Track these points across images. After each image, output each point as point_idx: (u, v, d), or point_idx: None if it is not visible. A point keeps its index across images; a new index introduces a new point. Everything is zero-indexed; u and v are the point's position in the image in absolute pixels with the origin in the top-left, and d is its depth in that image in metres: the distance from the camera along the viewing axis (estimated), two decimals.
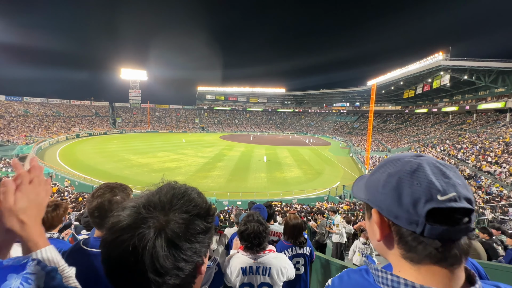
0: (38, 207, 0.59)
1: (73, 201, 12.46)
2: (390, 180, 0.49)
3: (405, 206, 0.45)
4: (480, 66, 31.77)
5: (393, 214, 0.47)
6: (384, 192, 0.49)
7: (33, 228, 0.57)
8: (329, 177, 23.28)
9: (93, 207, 1.17)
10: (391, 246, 0.50)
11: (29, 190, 0.58)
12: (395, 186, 0.47)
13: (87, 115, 63.89)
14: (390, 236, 0.50)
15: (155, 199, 0.49)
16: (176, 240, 0.45)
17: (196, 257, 0.48)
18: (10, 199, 0.54)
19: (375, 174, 0.54)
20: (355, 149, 37.53)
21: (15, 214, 0.55)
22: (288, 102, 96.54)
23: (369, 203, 0.54)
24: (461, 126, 34.00)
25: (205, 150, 35.09)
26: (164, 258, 0.43)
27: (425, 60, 39.07)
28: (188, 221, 0.48)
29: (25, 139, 36.29)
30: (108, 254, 0.44)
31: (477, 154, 20.57)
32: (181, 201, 0.50)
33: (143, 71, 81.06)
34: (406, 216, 0.45)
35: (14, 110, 49.61)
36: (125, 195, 1.24)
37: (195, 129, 74.58)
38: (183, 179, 0.52)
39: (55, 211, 1.71)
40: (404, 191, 0.46)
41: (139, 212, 0.47)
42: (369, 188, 0.54)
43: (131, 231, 0.44)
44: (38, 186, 0.59)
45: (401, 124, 51.54)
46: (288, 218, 2.33)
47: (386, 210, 0.48)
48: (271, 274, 1.48)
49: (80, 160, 26.37)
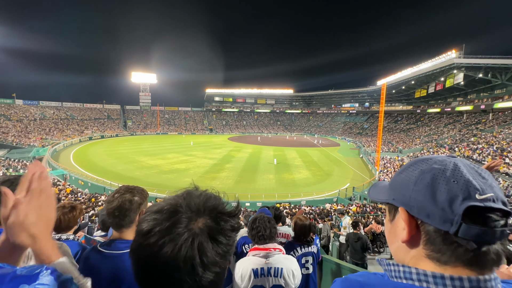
0: (47, 221, 0.59)
1: (86, 202, 12.81)
2: (424, 176, 0.47)
3: (440, 203, 0.43)
4: (496, 64, 30.68)
5: (425, 212, 0.45)
6: (416, 189, 0.47)
7: (45, 241, 0.57)
8: (339, 178, 22.97)
9: (114, 207, 1.18)
10: (415, 247, 0.49)
11: (38, 204, 0.57)
12: (429, 182, 0.46)
13: (100, 118, 65.64)
14: (417, 236, 0.48)
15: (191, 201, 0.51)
16: (216, 236, 0.48)
17: (229, 255, 0.50)
18: (20, 213, 0.54)
19: (404, 172, 0.52)
20: (365, 150, 36.89)
21: (25, 229, 0.54)
22: (296, 103, 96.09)
23: (394, 203, 0.53)
24: (476, 126, 32.85)
25: (213, 152, 35.33)
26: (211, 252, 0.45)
27: (437, 58, 38.09)
28: (222, 219, 0.51)
29: (41, 141, 37.65)
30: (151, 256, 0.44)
31: (494, 155, 19.83)
32: (213, 202, 0.52)
33: (152, 74, 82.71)
34: (440, 214, 0.43)
35: (31, 113, 51.55)
36: (143, 197, 1.26)
37: (204, 131, 75.28)
38: (192, 181, 0.55)
39: (71, 212, 1.73)
40: (439, 188, 0.44)
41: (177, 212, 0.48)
42: (396, 187, 0.53)
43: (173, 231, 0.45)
44: (45, 200, 0.59)
45: (413, 124, 50.30)
46: (298, 218, 2.40)
47: (417, 208, 0.46)
48: (283, 275, 1.47)
49: (93, 161, 27.09)
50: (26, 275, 0.46)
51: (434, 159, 0.50)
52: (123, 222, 1.20)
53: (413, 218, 0.48)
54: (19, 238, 0.54)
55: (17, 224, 0.53)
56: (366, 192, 18.62)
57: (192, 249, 0.44)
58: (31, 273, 0.46)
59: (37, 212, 0.56)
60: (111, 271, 1.12)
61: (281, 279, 1.47)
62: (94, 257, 1.18)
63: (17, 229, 0.54)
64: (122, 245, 1.19)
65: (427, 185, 0.46)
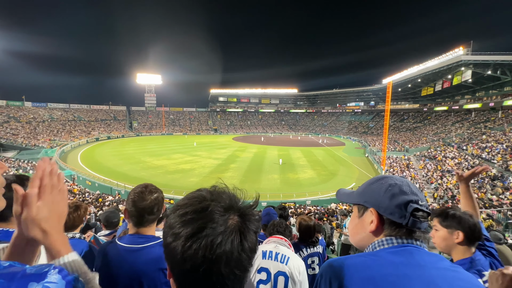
0: (60, 216, 0.61)
1: (93, 201, 12.99)
2: (391, 188, 0.73)
3: (398, 205, 0.70)
4: (506, 60, 29.96)
5: (389, 211, 0.71)
6: (385, 196, 0.72)
7: (55, 236, 0.59)
8: (344, 178, 22.80)
9: (148, 205, 1.23)
10: (378, 234, 0.74)
11: (50, 199, 0.59)
12: (394, 193, 0.71)
13: (106, 119, 66.52)
14: (380, 227, 0.73)
15: (221, 198, 0.53)
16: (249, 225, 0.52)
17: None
18: (32, 209, 0.56)
19: (374, 184, 0.78)
20: (370, 149, 36.50)
21: (37, 224, 0.56)
22: (301, 102, 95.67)
23: (365, 205, 0.77)
24: (485, 124, 32.17)
25: (218, 152, 35.46)
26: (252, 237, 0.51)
27: (444, 55, 37.39)
28: (251, 213, 0.55)
29: (49, 143, 38.37)
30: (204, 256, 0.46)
31: (504, 153, 19.39)
32: (237, 198, 0.56)
33: (157, 76, 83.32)
34: (399, 212, 0.70)
35: (39, 115, 52.57)
36: (163, 195, 1.36)
37: (208, 131, 75.61)
38: (197, 181, 0.56)
39: (76, 212, 1.76)
40: (399, 197, 0.71)
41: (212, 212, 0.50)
42: (368, 193, 0.78)
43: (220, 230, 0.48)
44: (58, 195, 0.61)
45: (420, 123, 49.56)
46: (302, 219, 2.41)
47: (383, 208, 0.72)
48: (289, 265, 1.48)
49: (99, 162, 27.48)
50: (35, 274, 0.47)
51: (394, 178, 0.77)
52: (154, 217, 1.27)
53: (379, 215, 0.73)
54: (32, 233, 0.56)
55: (29, 219, 0.56)
56: None
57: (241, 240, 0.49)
58: (39, 271, 0.48)
59: (49, 207, 0.58)
60: (132, 265, 1.16)
61: (286, 267, 1.48)
62: (114, 252, 1.21)
63: (30, 224, 0.56)
64: (142, 240, 1.23)
65: (392, 194, 0.72)
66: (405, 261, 0.64)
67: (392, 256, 0.66)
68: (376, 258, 0.67)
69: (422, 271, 0.62)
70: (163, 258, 0.96)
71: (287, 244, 1.66)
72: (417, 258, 0.65)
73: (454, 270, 0.65)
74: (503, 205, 12.13)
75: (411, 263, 0.64)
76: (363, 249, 0.79)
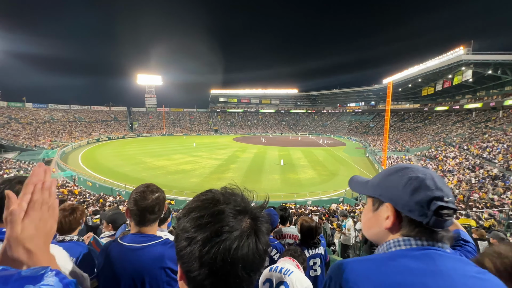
0: (46, 235, 0.55)
1: (94, 202, 13.00)
2: (411, 182, 0.64)
3: (419, 202, 0.61)
4: (506, 60, 29.91)
5: (408, 208, 0.63)
6: (404, 191, 0.64)
7: (41, 256, 0.53)
8: (345, 178, 22.73)
9: (149, 204, 1.23)
10: (394, 231, 0.66)
11: (38, 216, 0.53)
12: (415, 187, 0.63)
13: (106, 120, 66.59)
14: (397, 224, 0.65)
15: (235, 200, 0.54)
16: (261, 226, 0.53)
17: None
18: (17, 227, 0.50)
19: (392, 176, 0.69)
20: (371, 150, 36.47)
21: (21, 243, 0.50)
22: (301, 102, 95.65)
23: (381, 198, 0.69)
24: (486, 123, 32.12)
25: (218, 152, 35.46)
26: (265, 238, 0.52)
27: (444, 55, 37.36)
28: (262, 215, 0.55)
29: (50, 144, 38.43)
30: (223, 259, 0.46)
31: (505, 153, 19.35)
32: (248, 200, 0.57)
33: (158, 76, 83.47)
34: (419, 210, 0.61)
35: (40, 116, 52.65)
36: (164, 195, 1.35)
37: (209, 131, 75.63)
38: (198, 181, 0.56)
39: (72, 215, 1.73)
40: (420, 192, 0.62)
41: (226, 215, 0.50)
42: (385, 186, 0.69)
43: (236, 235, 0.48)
44: (47, 212, 0.55)
45: (420, 123, 49.48)
46: (303, 220, 2.38)
47: (401, 204, 0.64)
48: (291, 276, 1.50)
49: (100, 163, 27.51)
50: (30, 276, 0.45)
51: (415, 169, 0.67)
52: (155, 217, 1.27)
53: (396, 211, 0.65)
54: (15, 253, 0.50)
55: (13, 237, 0.50)
56: None
57: (256, 242, 0.49)
58: (35, 274, 0.46)
59: (36, 225, 0.53)
60: (134, 263, 1.17)
61: (288, 277, 1.49)
62: (116, 251, 1.21)
63: (13, 243, 0.50)
64: (143, 239, 1.24)
65: (413, 189, 0.63)
66: (424, 267, 0.58)
67: (410, 261, 0.59)
68: (392, 262, 0.61)
69: (444, 280, 0.55)
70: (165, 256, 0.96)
71: (295, 264, 1.67)
72: (439, 264, 0.58)
73: (481, 278, 0.57)
74: (504, 205, 12.09)
75: (431, 271, 0.57)
76: (377, 243, 0.72)
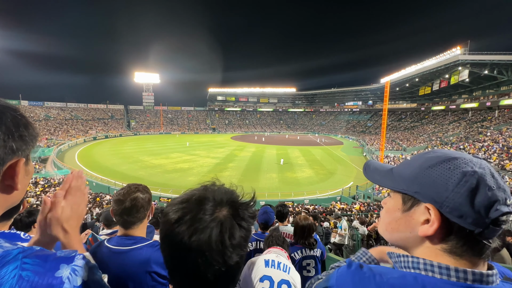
0: (79, 217, 0.67)
1: (92, 201, 12.95)
2: (467, 179, 0.46)
3: (477, 207, 0.44)
4: (502, 60, 30.19)
5: (458, 213, 0.45)
6: (457, 191, 0.46)
7: (73, 236, 0.65)
8: (342, 177, 22.88)
9: (127, 206, 1.19)
10: (432, 241, 0.49)
11: (73, 201, 0.65)
12: (473, 187, 0.45)
13: (103, 118, 66.11)
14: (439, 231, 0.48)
15: (214, 193, 0.56)
16: (239, 222, 0.53)
17: (248, 239, 0.56)
18: (58, 209, 0.62)
19: (436, 169, 0.49)
20: (368, 149, 36.68)
21: (60, 223, 0.62)
22: (299, 101, 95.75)
23: (416, 196, 0.51)
24: (482, 123, 32.44)
25: (216, 151, 35.41)
26: (237, 235, 0.52)
27: (442, 55, 37.62)
28: (242, 208, 0.56)
29: (46, 142, 38.09)
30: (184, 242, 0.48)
31: (499, 153, 19.57)
32: (233, 194, 0.58)
33: (155, 74, 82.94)
34: (474, 217, 0.44)
35: (36, 114, 52.15)
36: (149, 195, 1.29)
37: (207, 130, 75.46)
38: (195, 180, 0.59)
39: None
40: (480, 194, 0.44)
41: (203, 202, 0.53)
42: (427, 183, 0.50)
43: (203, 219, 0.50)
44: (79, 198, 0.67)
45: (417, 122, 49.84)
46: (298, 219, 2.27)
47: (450, 208, 0.46)
48: (291, 274, 1.48)
49: (97, 161, 27.33)
50: (64, 257, 0.52)
51: (469, 161, 0.49)
52: (134, 219, 1.22)
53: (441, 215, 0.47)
54: (54, 231, 0.62)
55: (54, 218, 0.62)
56: (369, 190, 18.54)
57: (222, 233, 0.49)
58: (68, 255, 0.53)
59: (71, 208, 0.64)
60: (119, 267, 1.13)
61: (288, 276, 1.48)
62: (102, 253, 1.19)
63: (54, 223, 0.62)
64: (129, 242, 1.20)
65: (470, 189, 0.45)
66: None
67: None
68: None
69: None
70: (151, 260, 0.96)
71: (286, 256, 1.64)
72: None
73: None
74: None
75: None
76: (399, 247, 0.57)
